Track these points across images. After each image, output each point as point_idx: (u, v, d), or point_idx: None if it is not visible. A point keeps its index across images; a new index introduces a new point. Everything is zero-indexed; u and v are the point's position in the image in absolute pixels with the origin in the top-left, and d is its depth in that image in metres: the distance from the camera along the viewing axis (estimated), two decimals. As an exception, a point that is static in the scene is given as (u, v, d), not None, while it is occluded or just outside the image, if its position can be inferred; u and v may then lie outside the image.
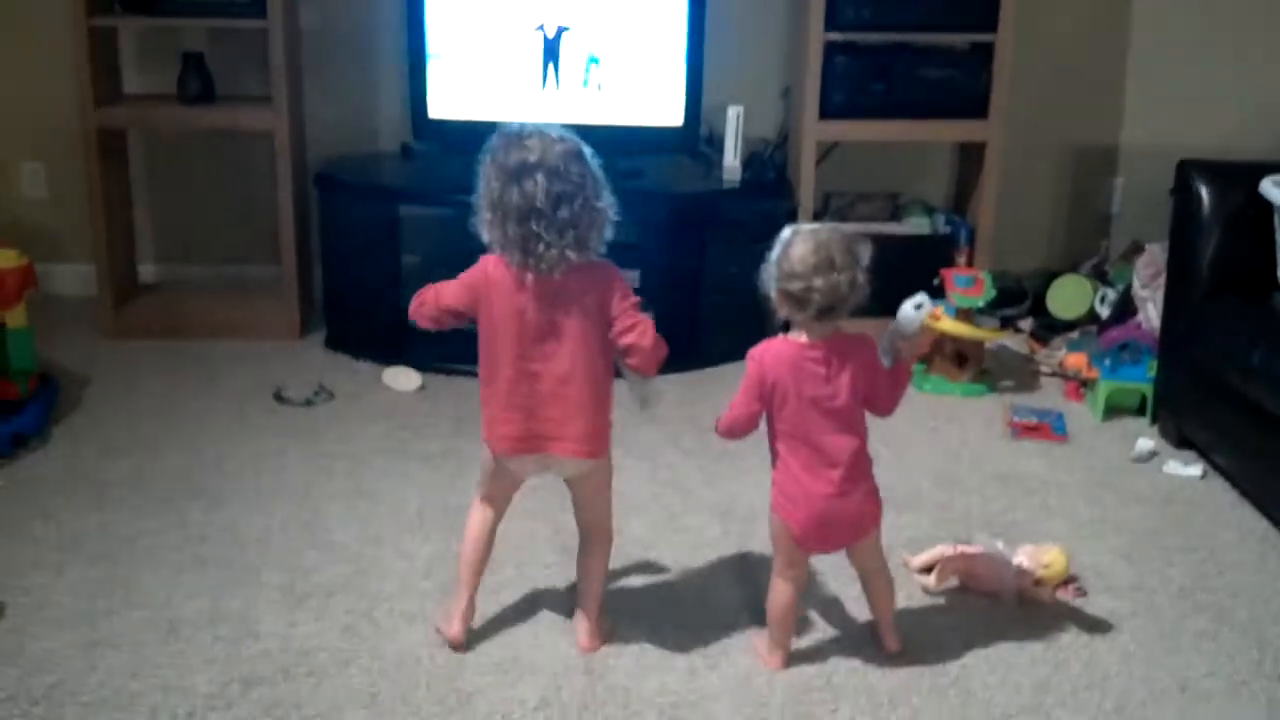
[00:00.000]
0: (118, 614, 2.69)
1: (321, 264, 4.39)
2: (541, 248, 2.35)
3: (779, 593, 2.56)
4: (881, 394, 2.50)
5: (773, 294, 2.45)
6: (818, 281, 2.37)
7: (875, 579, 2.62)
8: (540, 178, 2.33)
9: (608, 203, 2.42)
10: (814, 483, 2.45)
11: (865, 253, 2.42)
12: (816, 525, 2.48)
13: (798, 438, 2.46)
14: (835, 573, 2.88)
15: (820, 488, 2.45)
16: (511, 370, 2.45)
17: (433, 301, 2.52)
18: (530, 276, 2.40)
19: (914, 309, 2.48)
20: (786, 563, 2.55)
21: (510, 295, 2.42)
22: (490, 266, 2.45)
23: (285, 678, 2.49)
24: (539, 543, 3.02)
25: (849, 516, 2.49)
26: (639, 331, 2.47)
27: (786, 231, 2.47)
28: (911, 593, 2.84)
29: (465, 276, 2.49)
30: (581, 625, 2.63)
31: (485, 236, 2.42)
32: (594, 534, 2.65)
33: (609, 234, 2.44)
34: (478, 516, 2.62)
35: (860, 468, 2.49)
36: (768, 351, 2.48)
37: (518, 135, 2.39)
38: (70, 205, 4.41)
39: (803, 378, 2.43)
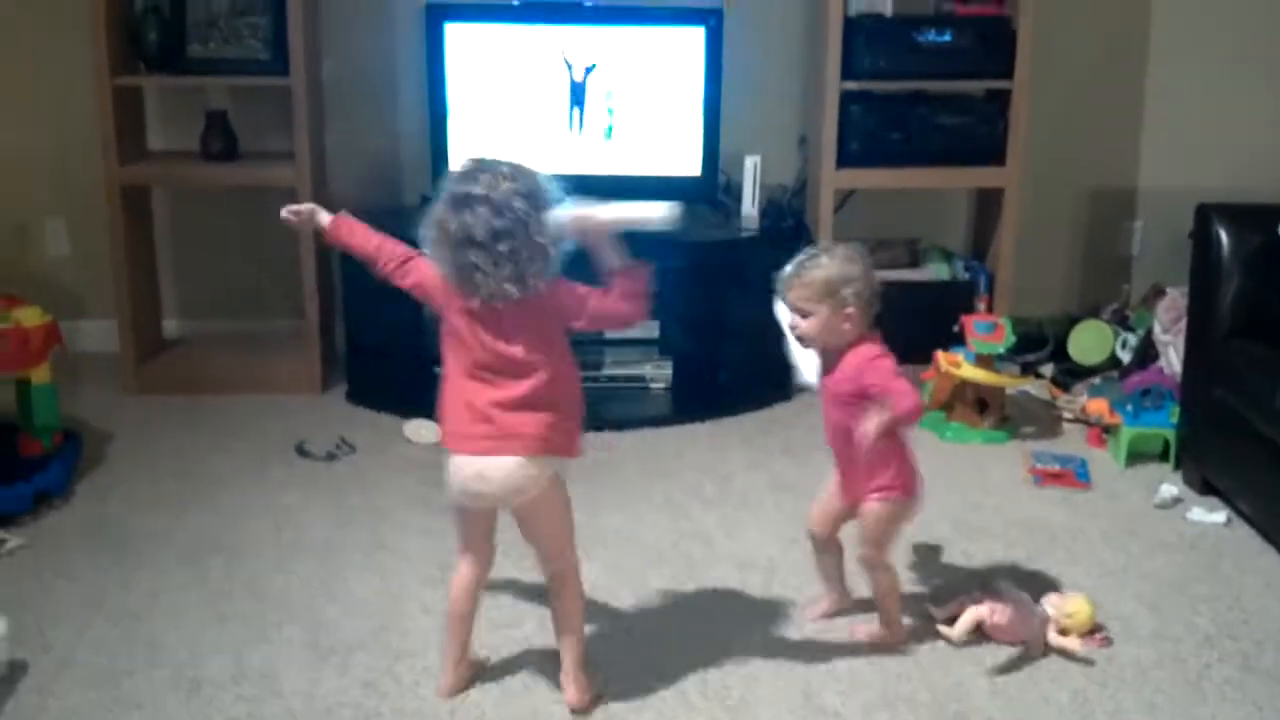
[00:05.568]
0: (140, 672, 2.69)
1: (343, 317, 4.41)
2: (479, 278, 2.34)
3: (892, 572, 2.81)
4: None
5: (858, 311, 2.61)
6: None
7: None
8: (482, 210, 2.32)
9: (551, 238, 2.36)
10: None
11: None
12: None
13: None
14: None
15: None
16: (462, 381, 2.46)
17: (402, 271, 2.55)
18: (475, 303, 2.39)
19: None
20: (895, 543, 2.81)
21: (456, 311, 2.43)
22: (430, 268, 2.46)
23: (307, 735, 2.50)
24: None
25: None
26: (602, 299, 2.43)
27: (840, 254, 2.65)
28: (936, 643, 2.82)
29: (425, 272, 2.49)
30: (565, 677, 2.58)
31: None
32: (554, 569, 2.58)
33: (554, 268, 2.38)
34: (459, 571, 2.62)
35: None
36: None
37: (473, 168, 2.39)
38: (94, 262, 4.45)
39: None
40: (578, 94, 4.22)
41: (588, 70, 4.18)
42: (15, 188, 4.56)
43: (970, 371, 3.94)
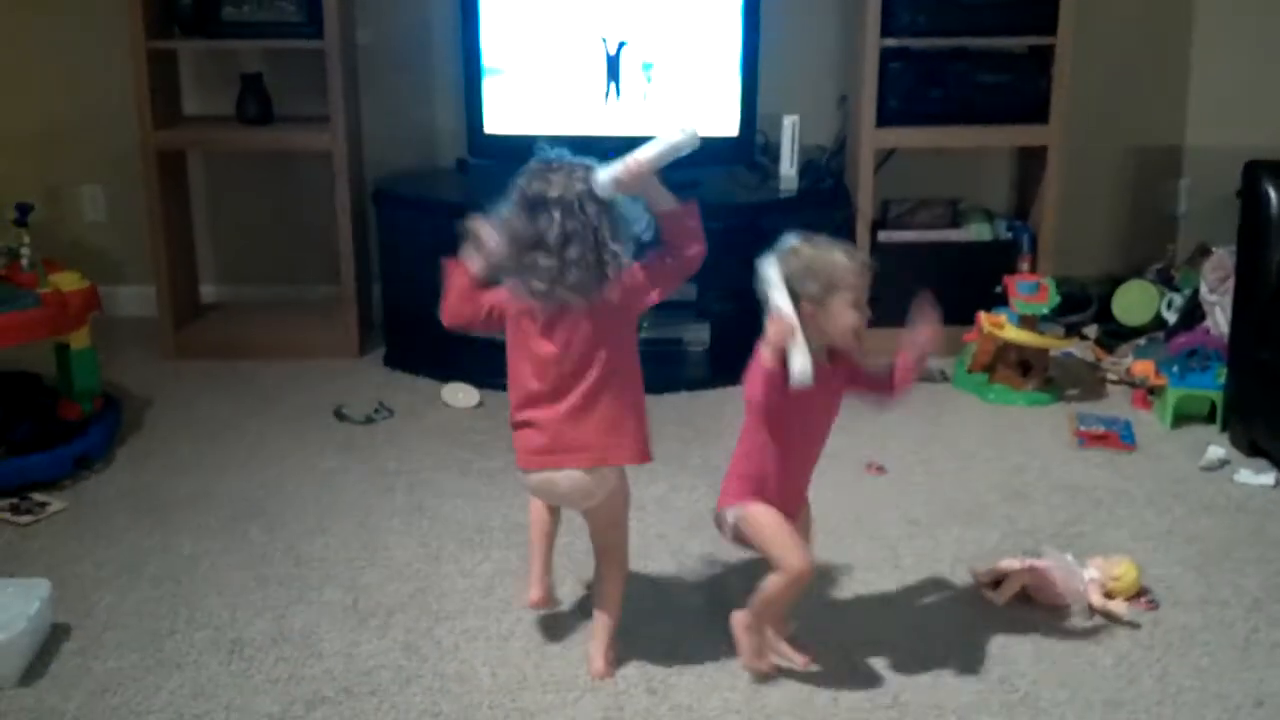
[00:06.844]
0: (181, 634, 2.70)
1: (380, 282, 4.41)
2: (543, 284, 2.34)
3: None
4: None
5: None
6: None
7: None
8: (556, 213, 2.32)
9: (622, 246, 2.37)
10: None
11: None
12: None
13: None
14: (911, 592, 2.85)
15: None
16: (524, 397, 2.46)
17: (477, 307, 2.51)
18: (537, 307, 2.39)
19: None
20: None
21: (520, 322, 2.43)
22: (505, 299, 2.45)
23: (348, 697, 2.50)
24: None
25: None
26: (663, 259, 2.46)
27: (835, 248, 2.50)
28: (979, 606, 2.80)
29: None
30: (595, 647, 2.59)
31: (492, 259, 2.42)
32: (601, 543, 2.60)
33: (616, 276, 2.38)
34: (534, 505, 2.70)
35: None
36: None
37: (545, 166, 2.38)
38: (130, 227, 4.46)
39: None
40: (613, 67, 4.18)
41: (621, 45, 4.14)
42: (52, 154, 4.57)
43: (1013, 333, 3.89)
